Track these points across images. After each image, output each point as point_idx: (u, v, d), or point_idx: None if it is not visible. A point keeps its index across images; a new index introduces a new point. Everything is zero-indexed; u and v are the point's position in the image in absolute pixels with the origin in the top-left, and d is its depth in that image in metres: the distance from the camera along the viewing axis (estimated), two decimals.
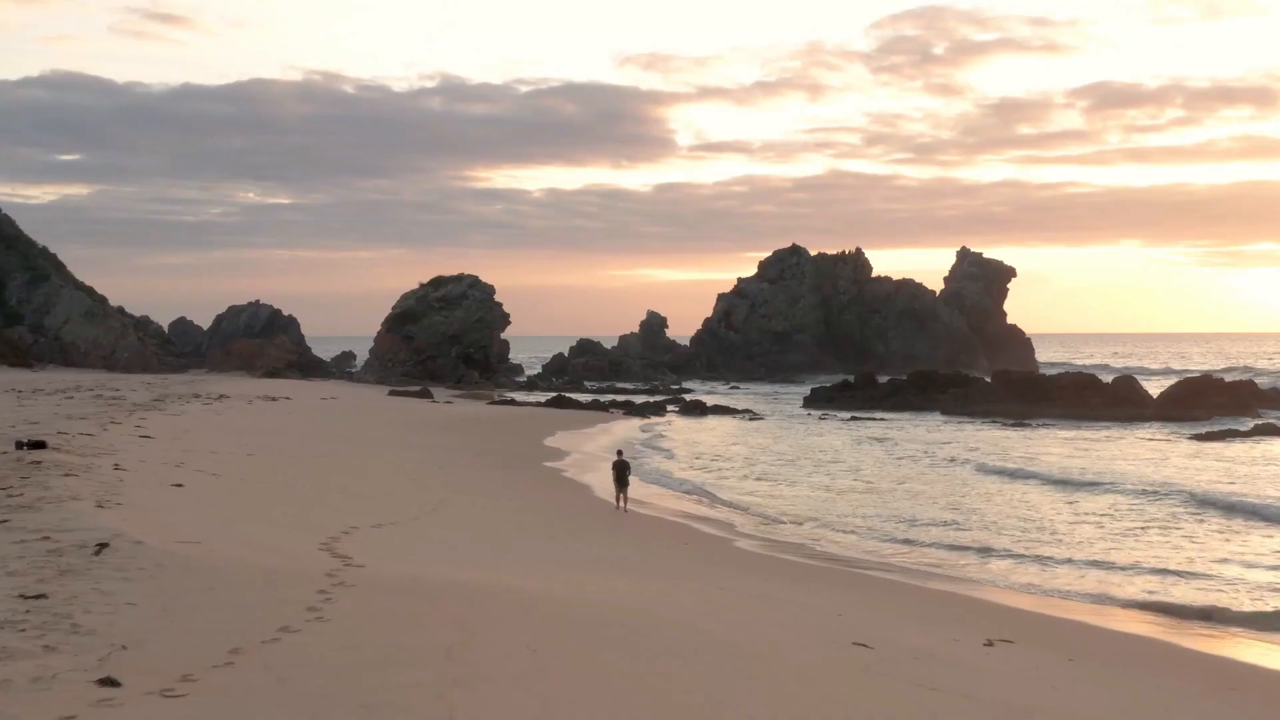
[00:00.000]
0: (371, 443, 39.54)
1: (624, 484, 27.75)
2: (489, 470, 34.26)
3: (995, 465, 39.28)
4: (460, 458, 37.44)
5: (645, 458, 42.35)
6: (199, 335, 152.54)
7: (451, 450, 39.62)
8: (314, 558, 15.17)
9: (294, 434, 39.56)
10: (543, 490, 30.77)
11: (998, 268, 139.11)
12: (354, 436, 41.23)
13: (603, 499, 29.19)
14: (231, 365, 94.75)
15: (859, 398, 73.69)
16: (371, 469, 31.20)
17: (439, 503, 25.02)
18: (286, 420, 46.02)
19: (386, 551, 16.60)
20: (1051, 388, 68.39)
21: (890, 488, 34.00)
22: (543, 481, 32.91)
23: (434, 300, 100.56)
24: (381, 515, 21.50)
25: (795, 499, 31.75)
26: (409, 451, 37.45)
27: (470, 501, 26.24)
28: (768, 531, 26.26)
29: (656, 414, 66.79)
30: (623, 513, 27.16)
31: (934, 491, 33.02)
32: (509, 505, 26.27)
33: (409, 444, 40.33)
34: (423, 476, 30.62)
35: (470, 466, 34.95)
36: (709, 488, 34.16)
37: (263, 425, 42.30)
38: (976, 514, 28.61)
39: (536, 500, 28.25)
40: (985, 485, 34.26)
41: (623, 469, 28.00)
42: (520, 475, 33.90)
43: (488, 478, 32.24)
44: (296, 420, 46.63)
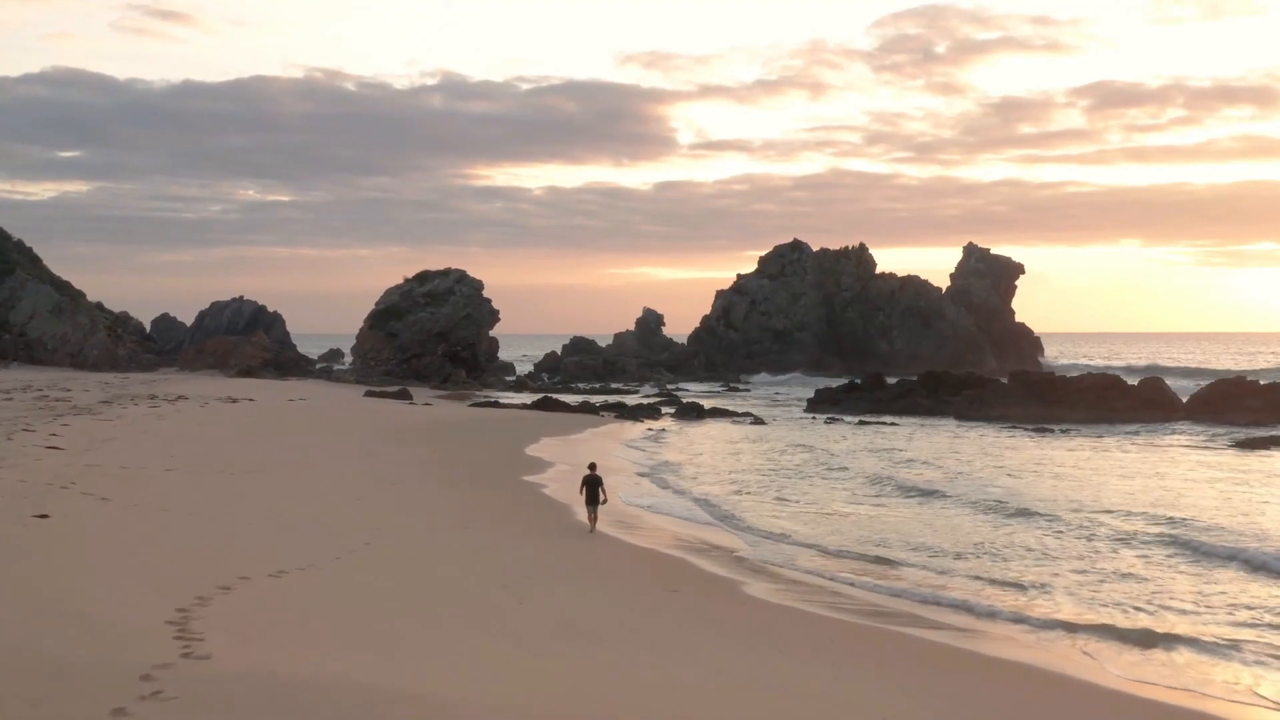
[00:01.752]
0: (326, 453, 34.99)
1: (596, 502, 23.84)
2: (453, 487, 29.69)
3: (1050, 504, 34.65)
4: (425, 470, 32.89)
5: (636, 468, 37.84)
6: (182, 332, 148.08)
7: (416, 462, 35.06)
8: (144, 641, 10.65)
9: (237, 443, 35.02)
10: (513, 513, 26.19)
11: (1005, 264, 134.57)
12: (307, 445, 36.66)
13: (584, 523, 24.68)
14: (204, 363, 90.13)
15: (866, 400, 69.15)
16: (312, 487, 26.65)
17: (376, 534, 20.46)
18: (236, 426, 41.46)
19: (261, 623, 12.06)
20: (1073, 390, 63.84)
21: (929, 512, 29.45)
22: (515, 501, 28.33)
23: (419, 296, 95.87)
24: (292, 556, 16.97)
25: (812, 521, 27.21)
26: (366, 464, 32.90)
27: (417, 531, 21.67)
28: (780, 564, 21.73)
29: (650, 417, 62.23)
30: (594, 534, 23.49)
31: (970, 525, 28.48)
32: (463, 536, 21.69)
33: (369, 454, 35.78)
34: (371, 496, 26.07)
35: (433, 481, 30.39)
36: (709, 507, 29.64)
37: (205, 432, 37.77)
38: (1044, 559, 24.08)
39: (502, 527, 23.69)
40: (1038, 522, 29.69)
41: (594, 485, 23.98)
42: (490, 494, 29.32)
43: (449, 497, 27.68)
44: (248, 426, 42.06)
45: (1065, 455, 43.30)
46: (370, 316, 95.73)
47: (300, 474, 28.84)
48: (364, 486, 27.69)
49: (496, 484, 31.44)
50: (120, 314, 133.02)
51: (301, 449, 35.07)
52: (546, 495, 29.67)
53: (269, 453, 32.93)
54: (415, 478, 30.83)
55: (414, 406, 61.76)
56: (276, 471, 28.87)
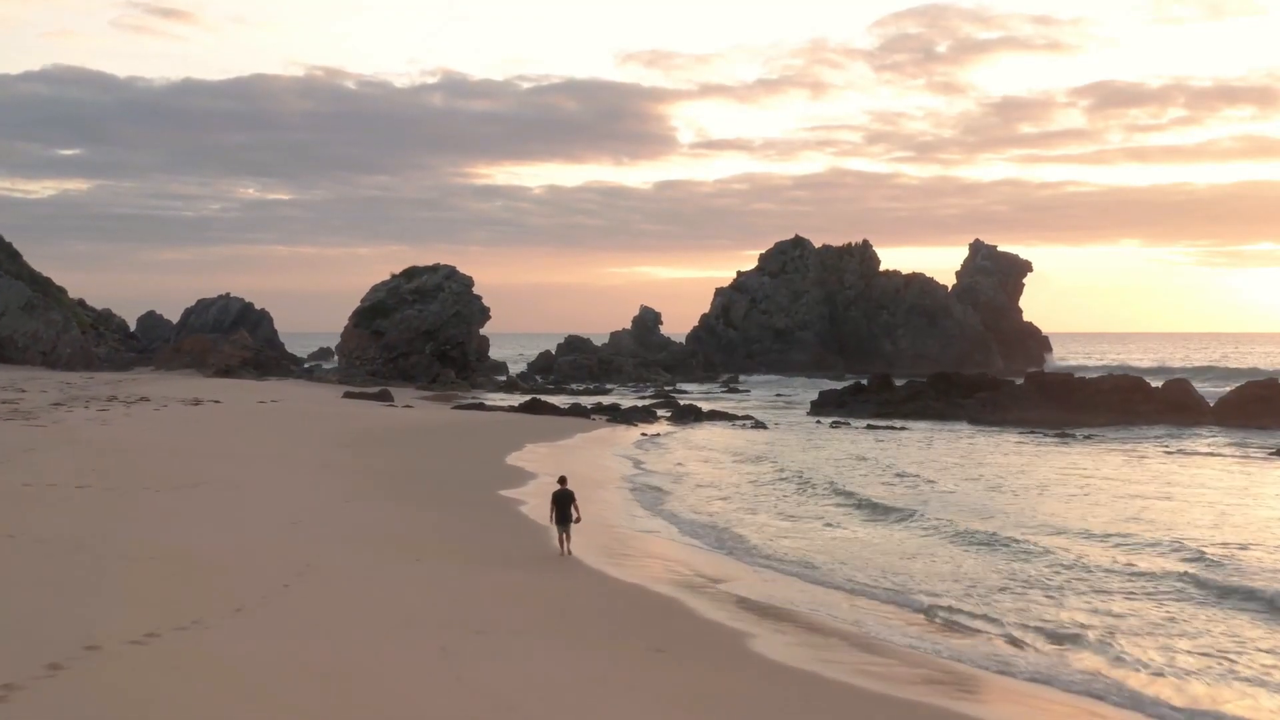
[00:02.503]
0: (278, 463, 31.33)
1: (567, 521, 20.82)
2: (415, 505, 26.01)
3: (1084, 525, 30.98)
4: (386, 484, 29.23)
5: (627, 480, 34.21)
6: (168, 330, 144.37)
7: (380, 473, 31.40)
8: None
9: (179, 453, 31.40)
10: (479, 539, 22.52)
11: (1013, 261, 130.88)
12: (259, 455, 33.01)
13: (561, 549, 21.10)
14: (181, 362, 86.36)
15: (873, 402, 65.40)
16: (246, 508, 23.01)
17: (301, 573, 16.83)
18: (187, 432, 37.82)
19: None
20: (1093, 392, 60.19)
21: (963, 537, 25.80)
22: (485, 523, 24.63)
23: (406, 292, 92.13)
24: (177, 608, 13.37)
25: (824, 545, 23.58)
26: (319, 477, 29.23)
27: (355, 566, 18.01)
28: (792, 604, 18.12)
29: (645, 421, 58.54)
30: (564, 556, 20.62)
31: (1011, 554, 24.83)
32: (411, 573, 18.02)
33: (327, 464, 32.12)
34: (313, 519, 22.41)
35: (393, 498, 26.72)
36: (707, 528, 26.01)
37: (148, 440, 34.14)
38: (1130, 610, 20.43)
39: (462, 558, 20.02)
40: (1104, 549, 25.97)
41: (565, 502, 20.84)
42: (456, 514, 25.63)
43: (407, 518, 24.00)
44: (201, 432, 38.42)
45: (1101, 467, 39.65)
46: (355, 314, 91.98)
47: (238, 491, 25.18)
48: (309, 506, 24.04)
49: (467, 501, 27.76)
50: (103, 311, 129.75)
51: (251, 459, 31.42)
52: (523, 515, 25.97)
53: (211, 465, 29.28)
54: (374, 493, 27.16)
55: (393, 409, 58.06)
56: (212, 488, 25.22)
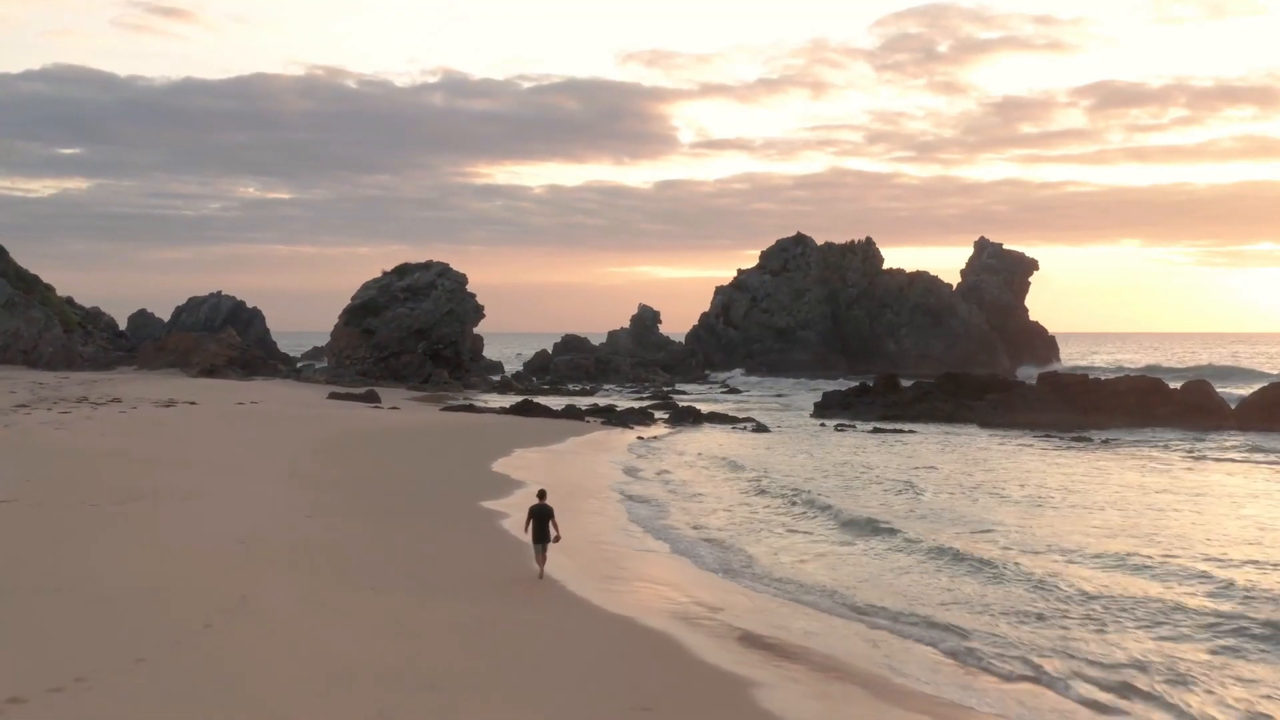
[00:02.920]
0: (244, 471, 28.88)
1: (545, 539, 18.58)
2: (384, 520, 23.58)
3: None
4: (357, 495, 26.81)
5: (621, 489, 31.81)
6: (159, 328, 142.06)
7: (352, 482, 28.97)
8: None
9: (137, 459, 29.02)
10: (451, 560, 20.08)
11: (1019, 260, 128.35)
12: (225, 461, 30.58)
13: (547, 574, 18.75)
14: (164, 361, 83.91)
15: (879, 404, 62.93)
16: (190, 525, 20.59)
17: (233, 607, 14.43)
18: (152, 436, 35.42)
19: None
20: (1109, 394, 57.77)
21: (994, 557, 23.36)
22: (460, 542, 22.16)
23: (398, 290, 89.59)
24: (65, 657, 10.96)
25: (838, 565, 21.17)
26: (284, 488, 26.78)
27: (297, 598, 15.58)
28: (805, 641, 15.74)
29: (642, 423, 56.12)
30: (539, 578, 18.49)
31: (1055, 580, 22.40)
32: (363, 605, 15.57)
33: (296, 473, 29.67)
34: (264, 538, 19.99)
35: (361, 512, 24.29)
36: (707, 546, 23.63)
37: (104, 446, 31.73)
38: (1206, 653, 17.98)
39: (427, 585, 17.58)
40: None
41: (543, 518, 18.61)
42: (429, 530, 23.17)
43: (373, 536, 21.56)
44: (168, 435, 36.01)
45: (1123, 475, 37.22)
46: (345, 312, 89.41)
47: (187, 504, 22.75)
48: (263, 522, 21.61)
49: (443, 514, 25.32)
50: (91, 309, 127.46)
51: (212, 467, 28.98)
52: (504, 531, 23.51)
53: (165, 473, 26.85)
54: (341, 506, 24.72)
55: (378, 411, 55.59)
56: (157, 501, 22.80)
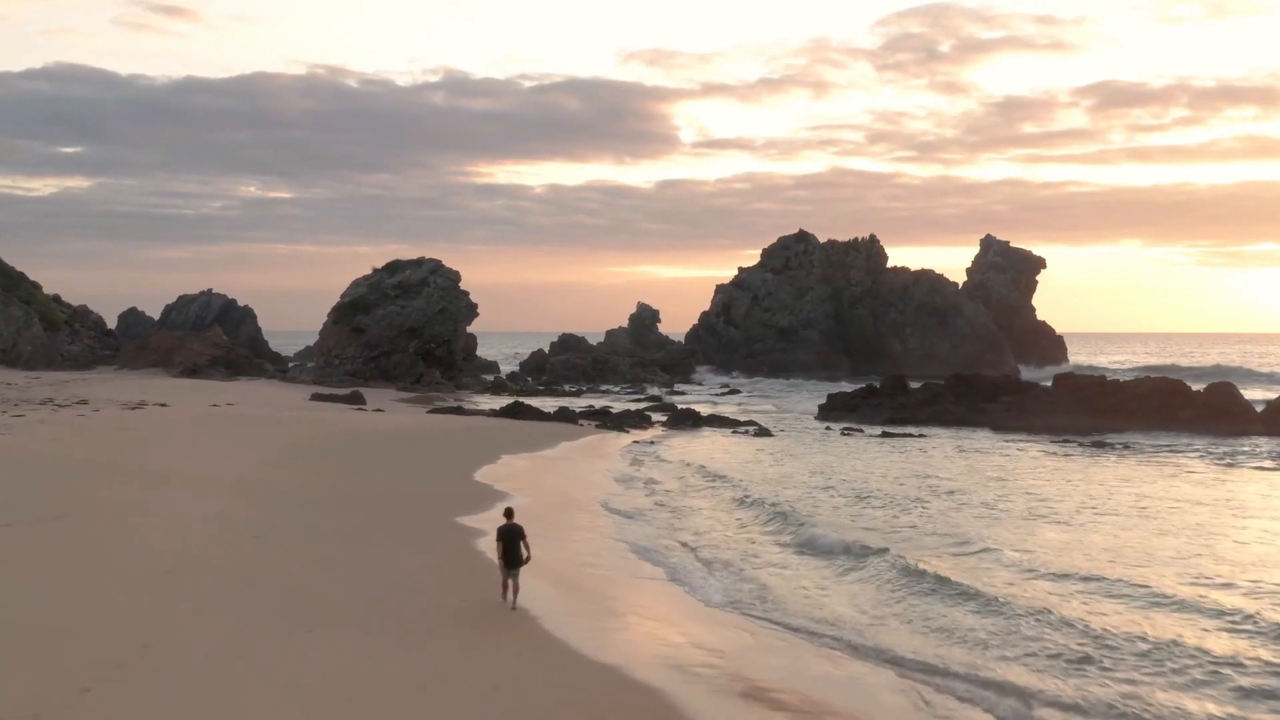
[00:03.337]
0: (196, 482, 26.20)
1: (516, 563, 16.30)
2: (342, 540, 20.89)
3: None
4: (317, 509, 24.14)
5: (613, 502, 29.19)
6: (149, 327, 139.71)
7: (314, 494, 26.30)
8: None
9: (79, 468, 26.36)
10: (412, 589, 17.41)
11: (1026, 258, 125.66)
12: (179, 470, 27.90)
13: (523, 610, 16.16)
14: (146, 361, 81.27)
15: (886, 406, 60.26)
16: (116, 547, 17.93)
17: (125, 662, 11.79)
18: (107, 441, 32.77)
19: None
20: (1129, 396, 55.09)
21: (1046, 584, 20.68)
22: (426, 565, 19.47)
23: (389, 288, 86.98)
24: None
25: (867, 592, 18.53)
26: (235, 501, 24.09)
27: (209, 647, 12.92)
28: (829, 697, 13.14)
29: (638, 426, 53.50)
30: (510, 609, 16.17)
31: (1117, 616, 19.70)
32: (294, 651, 12.90)
33: (255, 482, 27.00)
34: (196, 564, 17.34)
35: (317, 529, 21.63)
36: (712, 569, 21.02)
37: (47, 453, 29.09)
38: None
39: (375, 624, 14.92)
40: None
41: (513, 539, 16.29)
42: (395, 551, 20.49)
43: (325, 560, 18.89)
44: (124, 441, 33.36)
45: (1153, 484, 34.57)
46: (335, 310, 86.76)
47: (118, 524, 20.10)
48: (201, 545, 18.96)
49: (413, 533, 22.65)
50: (79, 307, 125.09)
51: (161, 477, 26.31)
52: (478, 553, 20.83)
53: (104, 485, 24.19)
54: (297, 524, 22.07)
55: (361, 413, 52.91)
56: (84, 520, 20.14)
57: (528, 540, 16.58)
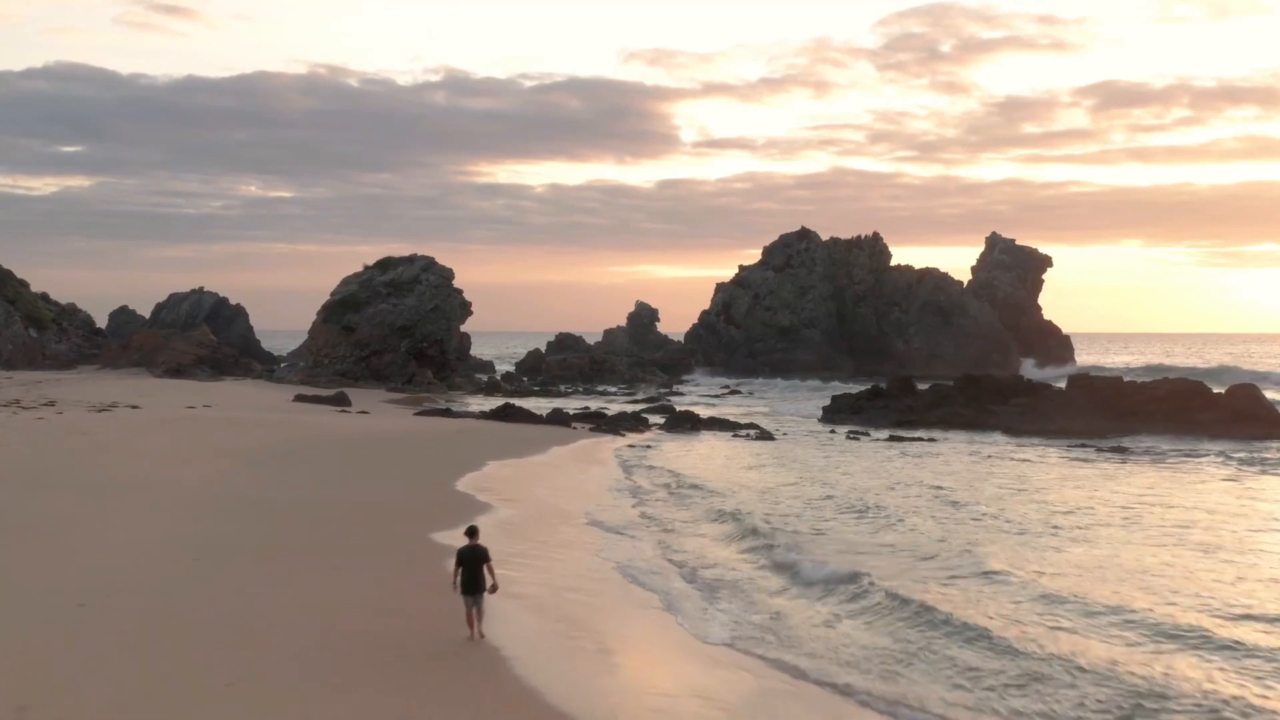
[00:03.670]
0: (146, 491, 23.93)
1: (478, 590, 14.27)
2: (301, 563, 18.61)
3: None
4: (280, 525, 21.86)
5: (602, 513, 26.92)
6: (140, 325, 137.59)
7: (280, 507, 24.00)
8: None
9: (18, 478, 24.11)
10: (365, 622, 15.12)
11: (1031, 255, 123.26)
12: (131, 479, 25.62)
13: (492, 646, 13.93)
14: (129, 360, 79.02)
15: (894, 409, 57.96)
16: (25, 575, 15.67)
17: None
18: (59, 447, 30.52)
19: None
20: (1147, 399, 52.80)
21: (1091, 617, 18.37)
22: (390, 592, 17.19)
23: (380, 285, 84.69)
24: None
25: (884, 628, 16.25)
26: (185, 514, 21.82)
27: (107, 704, 10.67)
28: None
29: (635, 429, 51.23)
30: (474, 640, 14.19)
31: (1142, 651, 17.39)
32: (202, 712, 10.70)
33: (212, 494, 24.73)
34: (123, 592, 15.08)
35: (272, 551, 19.34)
36: (708, 591, 18.75)
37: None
38: None
39: (313, 668, 12.64)
40: None
41: (475, 563, 14.29)
42: (357, 574, 18.18)
43: (271, 588, 16.59)
44: (80, 447, 31.11)
45: (1188, 495, 32.30)
46: (324, 308, 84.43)
47: (36, 545, 17.83)
48: (129, 570, 16.69)
49: (379, 552, 20.34)
50: (67, 305, 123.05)
51: (107, 489, 24.03)
52: (451, 574, 18.52)
53: (39, 498, 21.93)
54: (244, 541, 19.79)
55: (345, 415, 50.63)
56: (3, 539, 17.88)
57: (491, 565, 14.49)
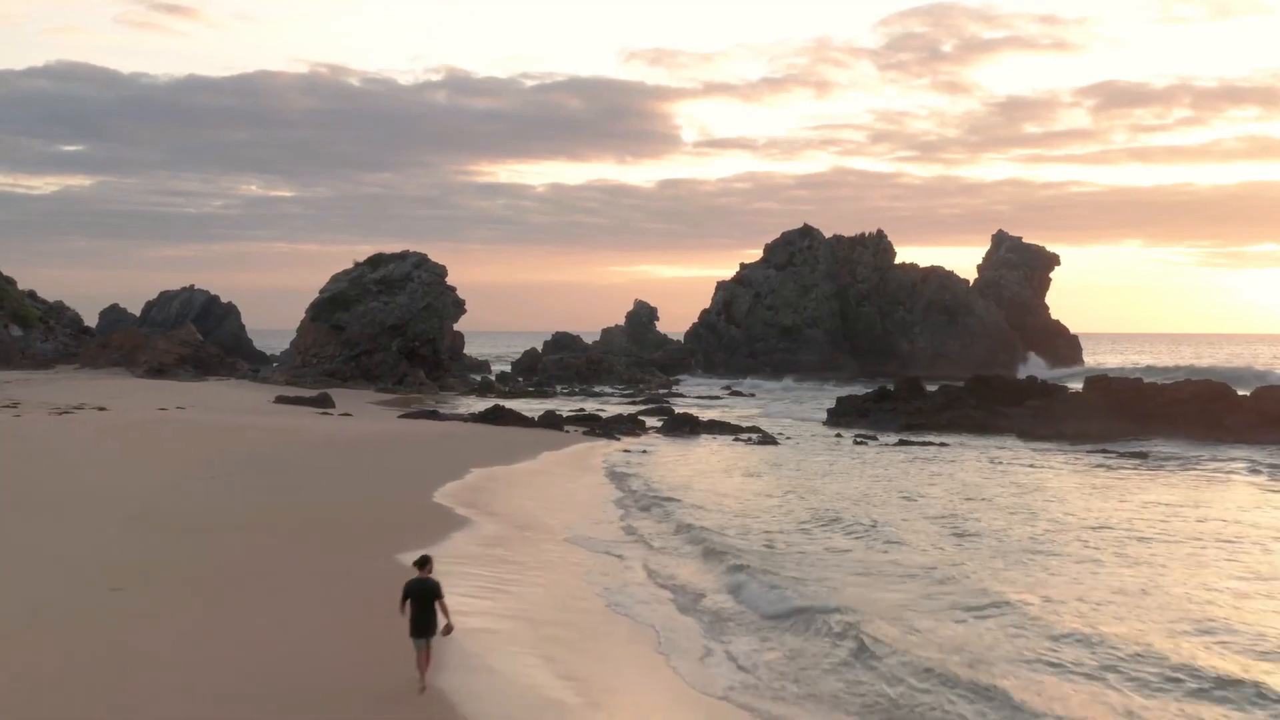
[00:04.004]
0: (65, 512, 21.52)
1: (429, 631, 12.16)
2: (237, 593, 16.18)
3: None
4: (223, 546, 19.43)
5: (591, 529, 24.52)
6: (131, 324, 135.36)
7: (229, 524, 21.56)
8: None
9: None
10: (303, 672, 12.71)
11: (1038, 253, 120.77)
12: (70, 492, 23.21)
13: (439, 692, 11.54)
14: (109, 360, 76.62)
15: (902, 411, 55.58)
16: None
17: None
18: (3, 455, 28.11)
19: None
20: (1168, 401, 50.38)
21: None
22: (338, 633, 14.78)
23: (371, 282, 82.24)
24: None
25: (905, 679, 13.85)
26: (112, 536, 19.41)
27: None
28: None
29: (631, 432, 48.80)
30: (420, 692, 12.04)
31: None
32: None
33: (153, 510, 22.30)
34: (11, 632, 12.69)
35: (207, 579, 16.92)
36: (709, 621, 16.36)
37: None
38: None
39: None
40: None
41: (426, 598, 12.18)
42: (302, 606, 15.79)
43: (198, 623, 14.17)
44: (22, 453, 28.68)
45: (1226, 509, 29.89)
46: (313, 306, 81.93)
47: None
48: (33, 602, 14.28)
49: (336, 577, 17.91)
50: (54, 303, 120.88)
51: (32, 504, 21.61)
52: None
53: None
54: (176, 566, 17.35)
55: (326, 418, 48.18)
56: None
57: (445, 602, 12.26)
